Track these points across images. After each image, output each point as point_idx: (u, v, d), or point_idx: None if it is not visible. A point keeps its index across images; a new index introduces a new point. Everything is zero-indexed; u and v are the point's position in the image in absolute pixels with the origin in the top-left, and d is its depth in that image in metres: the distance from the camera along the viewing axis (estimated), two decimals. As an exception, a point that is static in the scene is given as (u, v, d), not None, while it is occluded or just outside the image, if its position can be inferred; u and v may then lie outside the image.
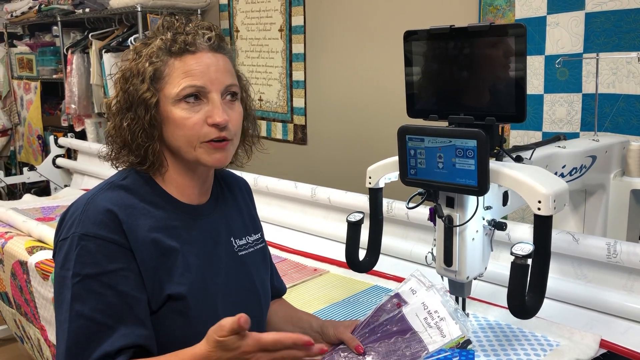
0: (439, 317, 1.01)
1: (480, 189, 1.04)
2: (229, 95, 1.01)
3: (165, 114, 0.98)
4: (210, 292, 1.01)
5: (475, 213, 1.10)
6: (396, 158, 1.15)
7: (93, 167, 3.12)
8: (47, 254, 1.82)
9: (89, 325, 0.90)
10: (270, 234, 2.16)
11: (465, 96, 1.14)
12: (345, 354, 1.05)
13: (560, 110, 2.06)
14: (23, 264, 1.85)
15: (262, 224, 1.23)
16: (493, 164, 1.09)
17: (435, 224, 1.17)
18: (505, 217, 1.25)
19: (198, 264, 1.01)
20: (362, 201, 1.83)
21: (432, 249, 1.20)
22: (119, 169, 1.06)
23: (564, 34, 2.01)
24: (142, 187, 1.02)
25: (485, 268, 1.19)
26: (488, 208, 1.14)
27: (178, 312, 0.97)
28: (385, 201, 1.39)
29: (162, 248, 0.97)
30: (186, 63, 0.97)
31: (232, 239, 1.10)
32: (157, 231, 0.98)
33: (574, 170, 1.41)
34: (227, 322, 0.82)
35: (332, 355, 1.07)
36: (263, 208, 2.31)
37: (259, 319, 1.12)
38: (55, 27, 4.30)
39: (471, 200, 1.11)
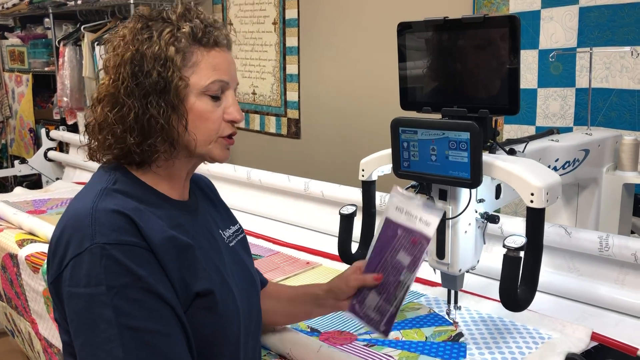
0: (416, 217, 1.01)
1: (473, 182, 1.04)
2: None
3: (189, 105, 0.94)
4: (228, 284, 0.99)
5: (468, 206, 1.10)
6: (389, 151, 1.15)
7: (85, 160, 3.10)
8: (38, 247, 1.80)
9: (142, 337, 0.84)
10: (263, 227, 2.16)
11: (459, 88, 1.14)
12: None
13: (554, 104, 2.07)
14: (13, 257, 1.84)
15: (255, 217, 1.23)
16: (486, 156, 1.09)
17: (428, 217, 1.17)
18: (498, 211, 1.25)
19: (211, 258, 0.99)
20: (355, 194, 1.82)
21: (424, 242, 1.19)
22: (101, 162, 1.00)
23: (558, 28, 2.01)
24: (134, 189, 0.95)
25: (478, 261, 1.19)
26: (481, 201, 1.14)
27: (207, 308, 0.93)
28: (378, 194, 1.39)
29: (179, 245, 0.92)
30: (214, 57, 0.96)
31: (220, 231, 1.09)
32: (171, 229, 0.93)
33: (567, 164, 1.41)
34: None
35: (362, 301, 1.06)
36: (256, 201, 2.30)
37: (258, 305, 1.11)
38: (47, 19, 4.26)
39: (464, 192, 1.11)
